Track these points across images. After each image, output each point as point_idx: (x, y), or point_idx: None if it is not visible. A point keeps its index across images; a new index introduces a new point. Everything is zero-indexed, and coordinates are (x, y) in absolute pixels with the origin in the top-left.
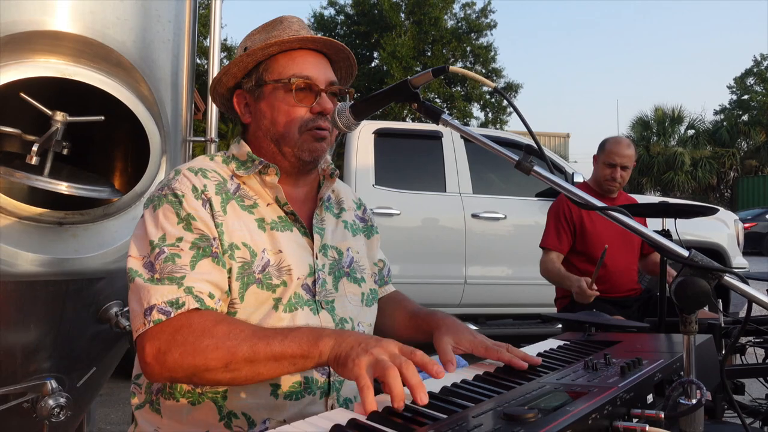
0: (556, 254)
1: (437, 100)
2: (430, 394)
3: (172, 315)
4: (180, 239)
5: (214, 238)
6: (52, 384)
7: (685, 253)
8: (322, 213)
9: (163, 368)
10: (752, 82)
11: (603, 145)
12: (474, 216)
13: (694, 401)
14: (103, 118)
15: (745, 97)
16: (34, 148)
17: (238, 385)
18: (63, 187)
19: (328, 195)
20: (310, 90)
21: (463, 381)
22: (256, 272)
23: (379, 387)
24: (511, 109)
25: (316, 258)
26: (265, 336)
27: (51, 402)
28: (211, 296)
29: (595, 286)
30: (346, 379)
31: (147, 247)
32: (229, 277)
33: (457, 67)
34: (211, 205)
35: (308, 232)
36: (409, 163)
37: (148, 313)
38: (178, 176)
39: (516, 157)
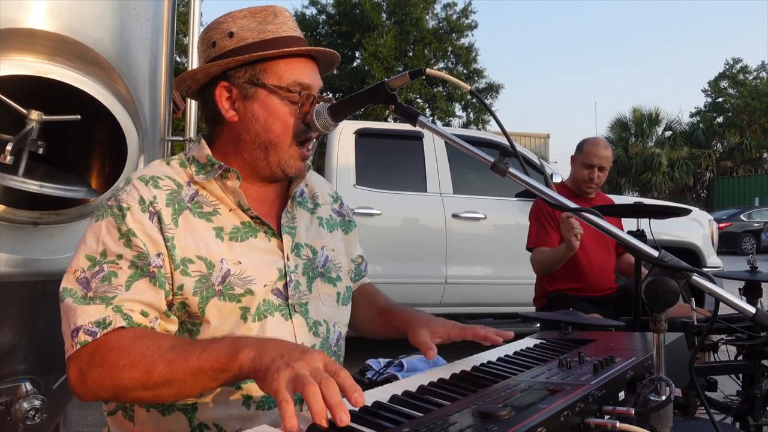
0: (545, 247)
1: (419, 101)
2: (407, 393)
3: (98, 335)
4: (120, 257)
5: (158, 255)
6: (26, 386)
7: (654, 253)
8: (294, 210)
9: (86, 389)
10: (726, 85)
11: (581, 146)
12: (454, 216)
13: (663, 398)
14: (79, 117)
15: (720, 99)
16: (8, 147)
17: (166, 402)
18: (38, 187)
19: (301, 190)
20: (306, 99)
21: (440, 380)
22: (215, 284)
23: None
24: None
25: (287, 260)
26: (183, 350)
27: (26, 405)
28: (144, 314)
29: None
30: None
31: (85, 261)
32: (182, 293)
33: (434, 70)
34: (159, 218)
35: (278, 233)
36: (389, 163)
37: (75, 335)
38: (127, 186)
39: (492, 159)
